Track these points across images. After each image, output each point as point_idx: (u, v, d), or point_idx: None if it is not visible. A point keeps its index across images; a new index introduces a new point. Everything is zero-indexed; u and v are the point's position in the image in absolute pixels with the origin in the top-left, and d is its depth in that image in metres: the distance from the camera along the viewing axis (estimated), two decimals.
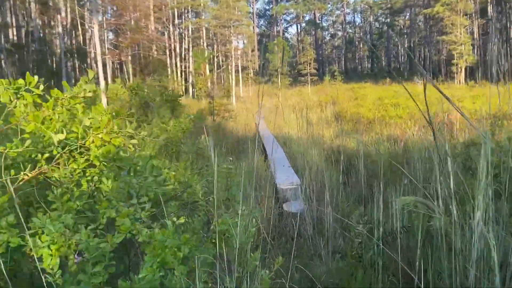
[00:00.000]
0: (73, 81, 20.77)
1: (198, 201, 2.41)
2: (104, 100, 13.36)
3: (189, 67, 33.12)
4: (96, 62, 14.84)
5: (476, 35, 32.95)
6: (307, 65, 32.94)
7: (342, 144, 9.31)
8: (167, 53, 32.37)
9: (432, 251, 2.80)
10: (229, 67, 30.97)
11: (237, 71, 33.33)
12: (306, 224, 4.95)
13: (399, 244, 3.56)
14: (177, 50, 33.76)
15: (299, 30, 69.33)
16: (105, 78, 21.96)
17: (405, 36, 58.12)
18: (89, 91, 2.30)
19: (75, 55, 29.80)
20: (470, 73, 31.78)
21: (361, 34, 70.59)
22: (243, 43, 41.77)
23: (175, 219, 1.73)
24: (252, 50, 43.17)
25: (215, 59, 34.54)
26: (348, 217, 5.22)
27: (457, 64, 26.84)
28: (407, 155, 7.34)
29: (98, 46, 13.11)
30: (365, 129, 11.03)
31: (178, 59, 33.31)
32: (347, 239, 4.58)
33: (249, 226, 2.46)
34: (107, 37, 26.65)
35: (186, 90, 33.35)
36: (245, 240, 2.45)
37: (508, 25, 33.33)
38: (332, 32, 74.16)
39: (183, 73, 34.00)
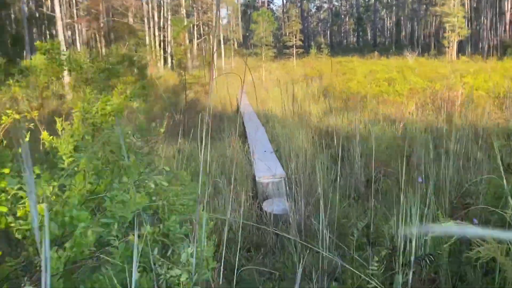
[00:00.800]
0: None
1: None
2: (65, 71, 11.95)
3: (168, 37, 31.37)
4: (61, 29, 13.27)
5: (467, 7, 31.85)
6: (293, 36, 31.49)
7: (332, 125, 8.22)
8: (145, 21, 30.49)
9: None
10: (211, 37, 29.34)
11: (219, 42, 31.71)
12: (291, 231, 3.88)
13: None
14: (156, 18, 31.84)
15: (284, 1, 67.13)
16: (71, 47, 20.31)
17: (393, 7, 56.71)
18: None
19: (45, 21, 27.78)
20: (460, 47, 30.83)
21: (348, 6, 68.98)
22: (226, 10, 39.99)
23: None
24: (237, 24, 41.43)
25: (195, 28, 32.79)
26: (346, 222, 4.18)
27: (449, 38, 25.75)
28: (410, 142, 6.30)
29: (58, 9, 11.58)
30: (355, 106, 9.95)
31: (156, 27, 31.45)
32: (345, 253, 3.55)
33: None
34: (76, 1, 24.69)
35: (165, 61, 31.65)
36: None
37: None
38: (318, 4, 72.20)
39: (161, 43, 32.19)
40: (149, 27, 30.29)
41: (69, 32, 24.56)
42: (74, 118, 2.87)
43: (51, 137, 2.85)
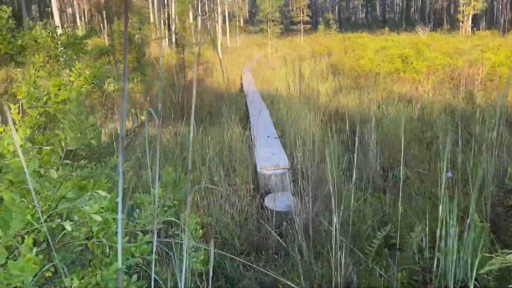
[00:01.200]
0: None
1: None
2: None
3: (172, 14, 30.47)
4: (55, 6, 12.65)
5: None
6: (300, 11, 30.44)
7: (342, 105, 7.61)
8: None
9: None
10: (215, 13, 28.47)
11: (224, 19, 30.77)
12: (296, 233, 3.34)
13: None
14: None
15: None
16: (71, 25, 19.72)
17: None
18: None
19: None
20: (474, 22, 29.60)
21: None
22: None
23: None
24: None
25: (199, 3, 31.81)
26: (361, 222, 3.64)
27: (463, 11, 24.61)
28: (429, 124, 5.69)
29: None
30: (367, 85, 9.30)
31: (160, 4, 30.51)
32: (360, 260, 3.02)
33: None
34: None
35: (170, 39, 30.82)
36: None
37: None
38: None
39: (166, 21, 31.31)
40: (153, 4, 29.36)
41: (70, 10, 23.88)
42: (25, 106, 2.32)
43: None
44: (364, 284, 2.73)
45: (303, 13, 31.03)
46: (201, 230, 2.59)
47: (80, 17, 25.69)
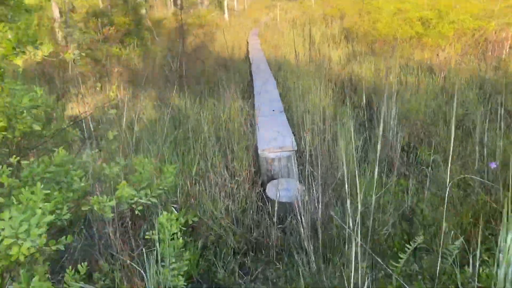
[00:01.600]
0: None
1: None
2: (55, 11, 10.70)
3: None
4: None
5: None
6: None
7: (356, 73, 6.94)
8: None
9: None
10: None
11: None
12: (302, 231, 2.81)
13: None
14: None
15: None
16: None
17: None
18: None
19: None
20: None
21: None
22: None
23: None
24: None
25: None
26: (380, 218, 3.09)
27: None
28: (458, 98, 5.03)
29: None
30: (383, 51, 8.56)
31: None
32: (377, 264, 2.50)
33: None
34: None
35: (175, 3, 29.70)
36: None
37: None
38: None
39: None
40: None
41: None
42: None
43: None
44: None
45: None
46: (181, 239, 2.07)
47: None
